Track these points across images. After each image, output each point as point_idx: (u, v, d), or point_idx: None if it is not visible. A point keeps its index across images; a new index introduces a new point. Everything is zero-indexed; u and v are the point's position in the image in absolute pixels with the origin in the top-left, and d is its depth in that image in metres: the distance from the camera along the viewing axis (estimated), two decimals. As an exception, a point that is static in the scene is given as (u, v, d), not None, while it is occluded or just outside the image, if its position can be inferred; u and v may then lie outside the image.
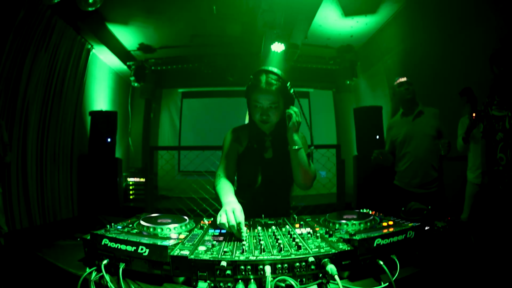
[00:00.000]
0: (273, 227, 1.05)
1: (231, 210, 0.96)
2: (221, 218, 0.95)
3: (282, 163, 1.43)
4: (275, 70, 1.31)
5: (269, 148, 1.44)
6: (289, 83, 1.32)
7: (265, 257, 0.75)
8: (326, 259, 0.75)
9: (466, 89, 2.67)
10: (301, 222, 1.11)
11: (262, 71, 1.31)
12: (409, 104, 2.46)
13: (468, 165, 2.73)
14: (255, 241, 0.90)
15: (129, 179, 5.16)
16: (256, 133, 1.43)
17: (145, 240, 0.80)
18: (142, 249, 0.78)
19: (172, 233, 0.97)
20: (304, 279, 0.74)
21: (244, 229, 0.96)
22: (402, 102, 2.50)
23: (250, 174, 1.45)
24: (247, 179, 1.48)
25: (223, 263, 0.73)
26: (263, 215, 1.24)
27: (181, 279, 0.78)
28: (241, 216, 0.96)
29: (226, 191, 1.18)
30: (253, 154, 1.42)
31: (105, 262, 0.80)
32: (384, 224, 0.98)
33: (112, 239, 0.82)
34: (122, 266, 0.78)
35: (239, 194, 1.13)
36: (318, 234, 0.92)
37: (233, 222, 0.92)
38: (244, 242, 0.84)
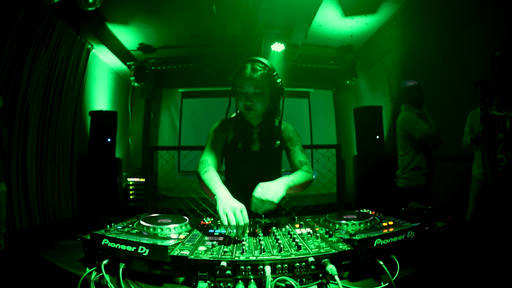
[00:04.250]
0: (273, 227, 1.05)
1: (240, 210, 0.95)
2: (230, 217, 0.92)
3: (269, 156, 1.40)
4: (262, 59, 1.31)
5: (256, 141, 1.40)
6: (276, 72, 1.31)
7: (265, 257, 0.75)
8: (326, 259, 0.75)
9: (482, 80, 2.65)
10: (301, 222, 1.11)
11: (250, 60, 1.31)
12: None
13: (475, 160, 2.70)
14: (255, 241, 0.91)
15: (129, 179, 5.16)
16: (243, 125, 1.39)
17: (145, 240, 0.80)
18: (142, 249, 0.78)
19: (172, 233, 0.97)
20: (304, 279, 0.75)
21: (246, 230, 0.96)
22: (419, 104, 2.61)
23: (236, 167, 1.43)
24: (233, 173, 1.45)
25: (223, 263, 0.73)
26: (263, 216, 1.24)
27: (181, 279, 0.78)
28: (247, 217, 0.96)
29: (218, 183, 1.14)
30: (239, 147, 1.38)
31: (105, 262, 0.80)
32: (384, 224, 0.98)
33: (112, 239, 0.82)
34: (122, 266, 0.78)
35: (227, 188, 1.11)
36: (318, 234, 0.92)
37: (242, 223, 0.92)
38: (244, 242, 0.84)
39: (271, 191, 1.05)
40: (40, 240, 1.13)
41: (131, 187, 5.15)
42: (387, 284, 0.73)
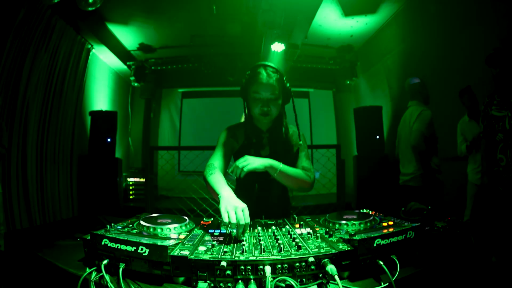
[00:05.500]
0: (273, 227, 1.05)
1: (241, 209, 0.95)
2: (231, 215, 0.93)
3: (278, 161, 1.42)
4: (272, 64, 1.33)
5: (266, 146, 1.42)
6: (285, 76, 1.34)
7: (265, 257, 0.75)
8: (326, 259, 0.75)
9: (466, 88, 2.66)
10: (301, 222, 1.11)
11: (260, 65, 1.32)
12: None
13: (469, 166, 2.72)
14: (255, 241, 0.90)
15: (129, 179, 5.16)
16: (252, 130, 1.41)
17: (145, 240, 0.80)
18: (142, 249, 0.78)
19: (172, 233, 0.97)
20: (304, 279, 0.75)
21: (246, 230, 0.96)
22: (428, 100, 2.80)
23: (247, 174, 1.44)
24: (243, 179, 1.46)
25: (223, 263, 0.73)
26: (263, 216, 1.24)
27: (181, 279, 0.78)
28: (249, 217, 0.96)
29: (223, 183, 1.15)
30: (250, 152, 1.38)
31: (105, 262, 0.80)
32: (384, 224, 0.98)
33: (112, 239, 0.82)
34: (122, 266, 0.78)
35: (237, 193, 1.12)
36: (318, 234, 0.92)
37: (243, 222, 0.92)
38: (244, 242, 0.84)
39: (248, 160, 1.16)
40: (40, 240, 1.13)
41: (131, 187, 5.15)
42: (387, 284, 0.73)
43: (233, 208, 0.95)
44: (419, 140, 2.61)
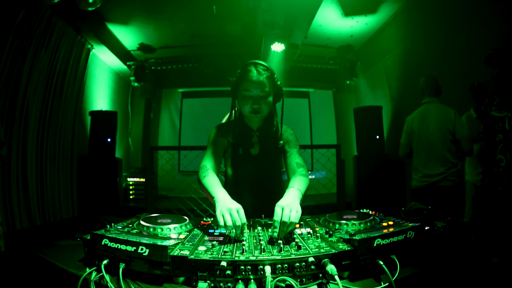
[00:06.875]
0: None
1: (236, 210, 0.95)
2: (226, 218, 0.93)
3: (268, 159, 1.41)
4: (263, 62, 1.32)
5: (255, 144, 1.42)
6: (276, 75, 1.33)
7: (265, 257, 0.75)
8: (326, 259, 0.75)
9: (479, 85, 2.60)
10: (301, 222, 1.11)
11: (251, 63, 1.32)
12: None
13: (468, 165, 2.71)
14: (255, 241, 0.90)
15: (129, 179, 5.16)
16: (242, 128, 1.40)
17: (145, 240, 0.80)
18: (142, 249, 0.78)
19: (172, 233, 0.97)
20: (304, 279, 0.75)
21: (246, 229, 0.96)
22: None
23: (237, 171, 1.44)
24: (233, 176, 1.46)
25: (223, 263, 0.73)
26: (263, 215, 1.24)
27: (181, 279, 0.78)
28: (244, 217, 0.96)
29: (217, 186, 1.15)
30: (239, 151, 1.39)
31: (105, 262, 0.80)
32: (384, 224, 0.98)
33: (112, 239, 0.82)
34: (122, 266, 0.78)
35: (234, 194, 1.11)
36: (318, 234, 0.92)
37: (239, 223, 0.92)
38: (244, 242, 0.84)
39: (293, 211, 0.94)
40: (40, 240, 1.13)
41: (131, 187, 5.14)
42: (387, 284, 0.73)
43: (227, 210, 0.95)
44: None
